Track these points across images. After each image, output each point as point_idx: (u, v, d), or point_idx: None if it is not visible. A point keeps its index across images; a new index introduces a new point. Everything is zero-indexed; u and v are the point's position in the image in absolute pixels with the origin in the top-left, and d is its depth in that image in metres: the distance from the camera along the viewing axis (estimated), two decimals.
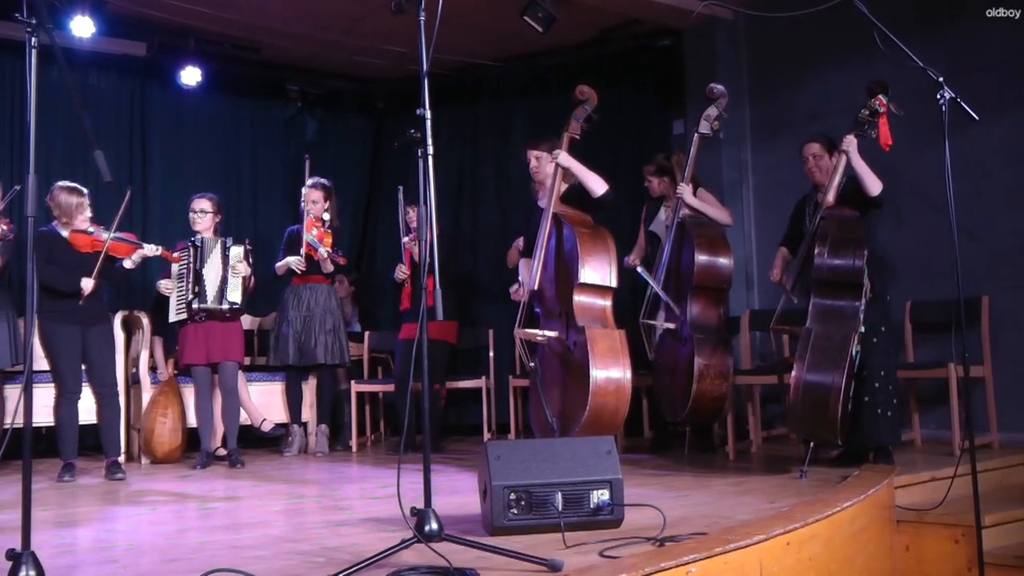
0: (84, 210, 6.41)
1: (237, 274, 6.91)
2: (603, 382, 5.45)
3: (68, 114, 8.31)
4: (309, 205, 7.41)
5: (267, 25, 8.39)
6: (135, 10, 7.98)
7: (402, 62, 8.77)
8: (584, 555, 3.27)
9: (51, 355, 6.32)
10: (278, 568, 3.24)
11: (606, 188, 5.93)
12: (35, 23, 2.97)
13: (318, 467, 6.77)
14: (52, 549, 3.75)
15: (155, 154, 9.05)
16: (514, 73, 9.47)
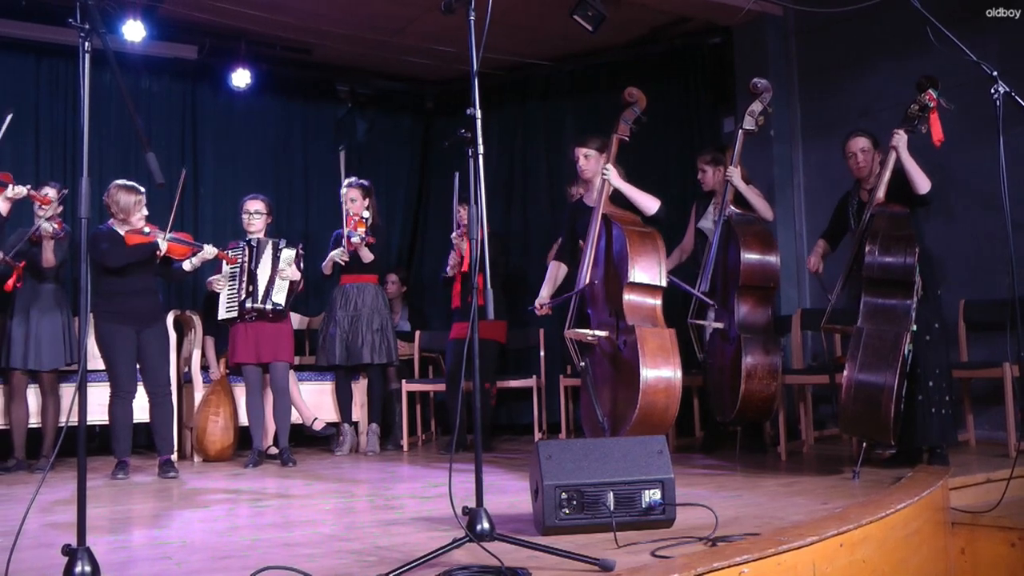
0: (140, 209, 6.48)
1: (284, 277, 6.95)
2: (653, 381, 5.43)
3: (121, 117, 8.41)
4: (348, 204, 7.45)
5: (317, 27, 8.44)
6: (186, 14, 8.07)
7: (451, 62, 8.79)
8: (636, 555, 3.26)
9: (106, 355, 6.40)
10: (330, 566, 3.26)
11: (658, 205, 5.93)
12: (88, 28, 3.00)
13: (369, 466, 6.79)
14: (106, 545, 3.79)
15: (206, 156, 9.14)
16: (563, 72, 9.46)
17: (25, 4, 7.78)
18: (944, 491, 4.82)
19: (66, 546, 2.83)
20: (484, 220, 3.44)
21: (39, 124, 8.39)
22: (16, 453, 6.85)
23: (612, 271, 5.80)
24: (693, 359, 6.57)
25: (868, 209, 5.52)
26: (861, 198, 5.72)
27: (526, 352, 8.40)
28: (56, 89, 8.54)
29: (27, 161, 8.06)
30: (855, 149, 5.82)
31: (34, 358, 6.76)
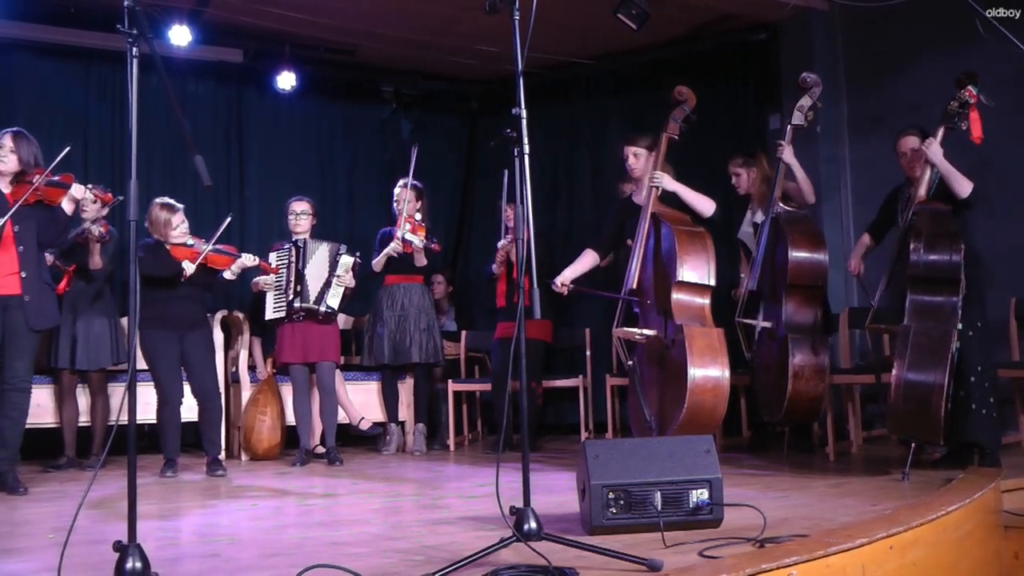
0: (174, 226, 6.53)
1: (341, 284, 6.99)
2: (701, 380, 5.41)
3: (167, 121, 8.50)
4: (401, 204, 7.46)
5: (361, 28, 8.47)
6: (231, 18, 8.14)
7: (496, 62, 8.79)
8: (683, 555, 3.25)
9: (149, 361, 6.45)
10: (377, 565, 3.26)
11: (713, 207, 5.94)
12: (136, 33, 3.02)
13: (416, 466, 6.82)
14: (156, 542, 3.82)
15: (252, 158, 9.22)
16: (608, 71, 9.45)
17: (74, 11, 7.88)
18: (996, 493, 4.74)
19: (117, 542, 2.86)
20: (530, 220, 3.44)
21: (88, 129, 8.50)
22: (67, 451, 6.95)
23: (660, 270, 5.79)
24: (740, 358, 6.53)
25: (910, 208, 5.47)
26: (911, 194, 5.67)
27: (572, 352, 8.39)
28: (104, 94, 8.67)
29: (76, 165, 8.10)
30: (906, 149, 5.78)
31: (82, 358, 6.84)
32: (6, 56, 8.30)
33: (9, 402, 5.66)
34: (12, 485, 5.61)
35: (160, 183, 8.58)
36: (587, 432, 7.71)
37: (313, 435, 7.19)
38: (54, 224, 5.71)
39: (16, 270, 5.61)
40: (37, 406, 6.54)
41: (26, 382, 5.72)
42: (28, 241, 5.65)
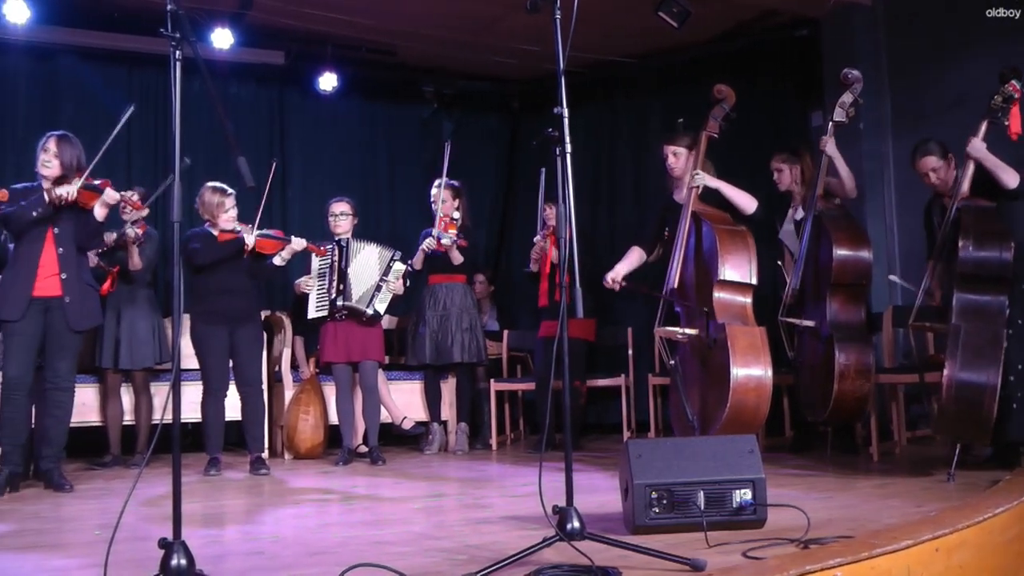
0: (226, 209, 6.60)
1: (391, 289, 7.01)
2: (744, 380, 5.39)
3: (210, 123, 8.55)
4: (439, 204, 7.48)
5: (402, 28, 8.49)
6: (273, 20, 8.18)
7: (537, 61, 8.78)
8: (727, 555, 3.24)
9: (200, 355, 6.56)
10: (420, 564, 3.27)
11: (756, 204, 5.90)
12: (179, 37, 3.05)
13: (458, 465, 6.83)
14: (201, 539, 3.85)
15: (294, 159, 9.27)
16: (649, 69, 9.41)
17: (117, 16, 7.96)
18: None
19: (162, 539, 2.89)
20: (572, 219, 3.43)
21: (131, 131, 8.56)
22: (112, 449, 7.03)
23: (702, 269, 5.76)
24: (784, 357, 6.49)
25: (953, 203, 5.40)
26: (945, 204, 5.60)
27: (615, 351, 8.37)
28: (147, 97, 8.75)
29: (119, 168, 8.22)
30: (926, 170, 5.75)
31: (125, 358, 6.92)
32: (50, 61, 8.42)
33: (53, 401, 5.76)
34: (58, 482, 5.70)
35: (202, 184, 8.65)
36: (629, 431, 7.69)
37: (356, 434, 7.20)
38: (86, 228, 5.79)
39: (56, 272, 5.69)
40: (82, 405, 6.62)
41: (69, 382, 5.81)
42: (68, 243, 5.73)
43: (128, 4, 7.77)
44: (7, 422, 5.65)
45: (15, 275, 5.68)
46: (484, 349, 7.68)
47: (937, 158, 5.69)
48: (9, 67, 8.30)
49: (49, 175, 5.74)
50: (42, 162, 5.74)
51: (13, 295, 5.64)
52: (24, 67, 8.36)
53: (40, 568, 3.51)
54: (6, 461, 5.66)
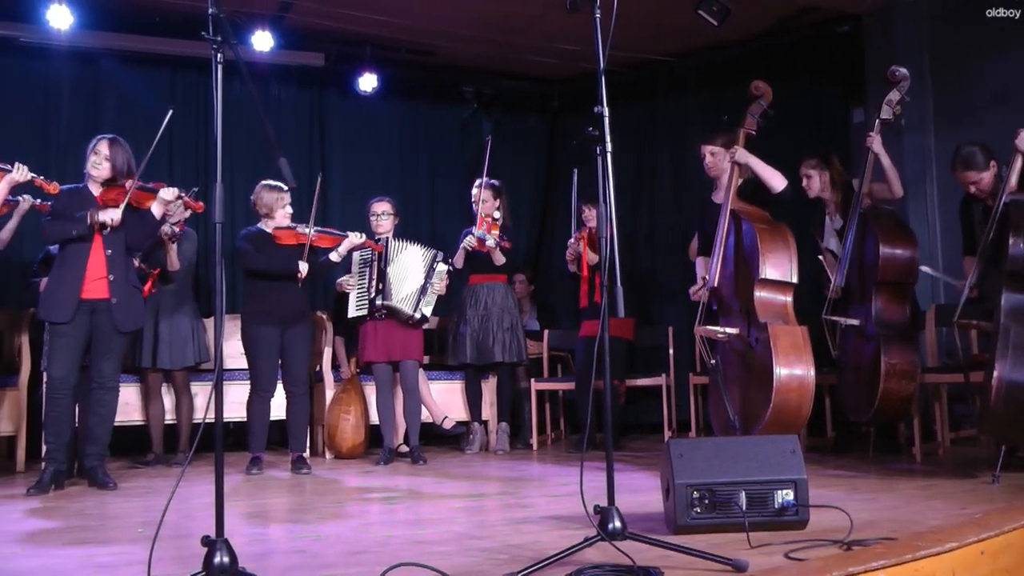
0: (284, 204, 6.67)
1: (435, 291, 7.03)
2: (786, 379, 5.35)
3: (250, 125, 8.62)
4: (479, 204, 7.49)
5: (441, 29, 8.51)
6: (312, 22, 8.23)
7: (576, 61, 8.77)
8: (769, 556, 3.22)
9: (250, 354, 6.63)
10: (462, 564, 3.27)
11: (786, 183, 5.86)
12: (220, 40, 3.08)
13: (499, 465, 6.83)
14: (243, 538, 3.88)
15: (334, 160, 9.32)
16: (689, 68, 9.38)
17: (159, 20, 8.04)
18: None
19: (205, 537, 2.90)
20: (613, 218, 3.43)
21: (173, 134, 8.65)
22: (154, 448, 7.10)
23: (742, 268, 5.74)
24: (826, 357, 6.44)
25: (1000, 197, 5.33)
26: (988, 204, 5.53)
27: (655, 350, 8.36)
28: (189, 100, 8.85)
29: (161, 170, 8.29)
30: (968, 182, 5.69)
31: (165, 358, 6.97)
32: (94, 65, 8.53)
33: (98, 401, 5.83)
34: (102, 480, 5.77)
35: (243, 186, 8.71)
36: (670, 431, 7.67)
37: (397, 434, 7.23)
38: (143, 228, 5.85)
39: (104, 274, 5.75)
40: (125, 404, 6.68)
41: (113, 382, 5.89)
42: (116, 245, 5.78)
43: (169, 8, 7.84)
44: (52, 421, 5.74)
45: (63, 277, 5.75)
46: (525, 349, 7.68)
47: (977, 172, 5.63)
48: (52, 72, 8.41)
49: (99, 177, 5.81)
50: (92, 163, 5.81)
51: (62, 297, 5.70)
52: (67, 71, 8.47)
53: (85, 564, 3.55)
54: (51, 459, 5.74)
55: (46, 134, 8.39)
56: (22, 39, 8.03)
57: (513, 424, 7.89)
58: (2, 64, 8.27)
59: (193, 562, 2.98)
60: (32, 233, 6.96)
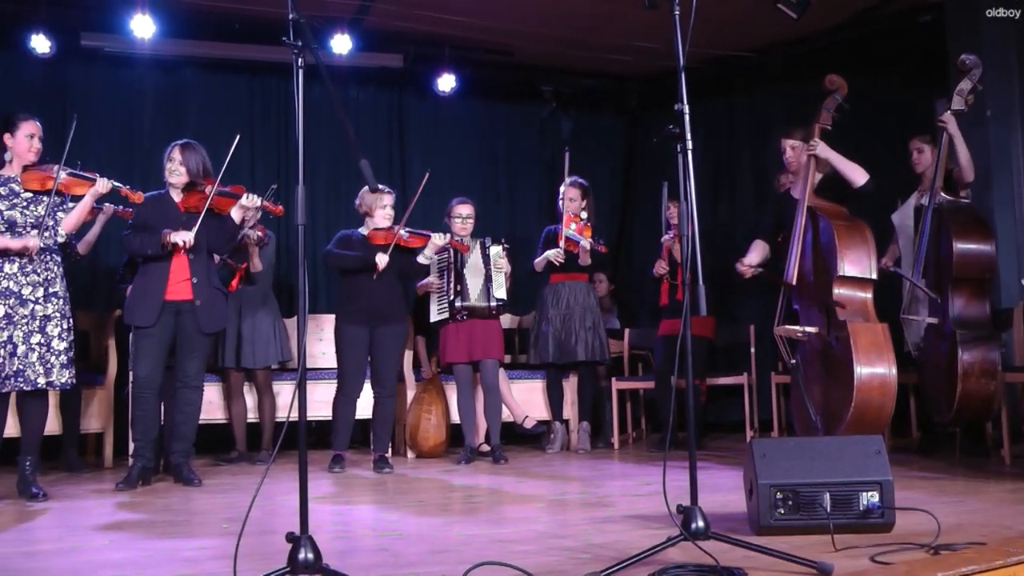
0: (383, 206, 6.74)
1: (500, 270, 7.03)
2: (868, 378, 5.29)
3: (330, 127, 8.73)
4: (567, 203, 7.47)
5: (519, 29, 8.51)
6: (391, 24, 8.28)
7: (655, 58, 8.71)
8: (854, 559, 3.18)
9: (338, 353, 6.73)
10: (544, 563, 3.28)
11: (867, 178, 5.76)
12: (301, 45, 3.11)
13: (580, 464, 6.82)
14: (326, 534, 3.91)
15: (413, 160, 9.38)
16: (769, 62, 9.27)
17: (238, 27, 8.15)
18: None
19: (290, 534, 2.94)
20: (695, 216, 3.41)
21: (254, 138, 8.81)
22: (238, 446, 7.22)
23: (820, 265, 5.67)
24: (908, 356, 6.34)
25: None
26: None
27: (736, 348, 8.30)
28: (268, 104, 9.01)
29: (243, 173, 8.43)
30: None
31: (248, 357, 7.09)
32: (175, 72, 8.71)
33: (183, 399, 5.96)
34: (188, 477, 5.88)
35: (324, 188, 8.83)
36: (752, 431, 7.61)
37: (478, 433, 7.25)
38: (224, 232, 5.97)
39: (188, 276, 5.86)
40: (209, 403, 6.79)
41: (198, 381, 6.00)
42: (199, 248, 5.90)
43: (249, 15, 7.94)
44: (139, 419, 5.87)
45: (147, 281, 5.88)
46: (607, 348, 7.65)
47: None
48: (136, 79, 8.59)
49: (177, 183, 5.94)
50: (169, 170, 5.93)
51: (146, 301, 5.83)
52: (150, 79, 8.65)
53: (172, 558, 3.63)
54: (138, 456, 5.87)
55: (131, 141, 8.58)
56: (107, 49, 8.20)
57: (594, 423, 7.87)
58: (88, 74, 8.47)
59: (277, 558, 3.02)
60: (117, 238, 7.11)
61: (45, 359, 5.33)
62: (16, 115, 5.48)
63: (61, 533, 4.35)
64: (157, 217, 5.86)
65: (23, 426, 5.57)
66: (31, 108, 5.63)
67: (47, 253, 5.44)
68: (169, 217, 5.88)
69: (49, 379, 5.35)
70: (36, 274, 5.37)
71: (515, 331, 8.54)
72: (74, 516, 4.83)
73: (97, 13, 7.92)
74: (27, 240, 5.33)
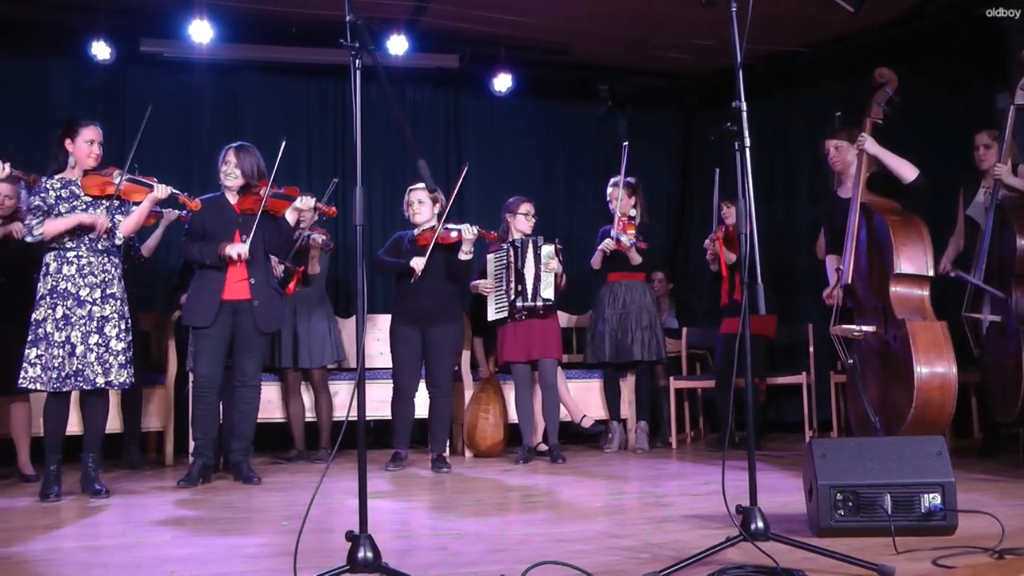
0: (411, 203, 6.77)
1: (550, 271, 6.99)
2: (927, 377, 5.21)
3: (387, 128, 8.81)
4: (614, 203, 7.47)
5: (575, 28, 8.50)
6: (447, 24, 8.30)
7: (711, 55, 8.67)
8: (916, 563, 3.14)
9: (391, 354, 6.78)
10: (602, 563, 3.27)
11: (917, 173, 5.65)
12: (358, 46, 3.13)
13: (638, 463, 6.81)
14: (385, 533, 3.93)
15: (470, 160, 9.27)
16: (825, 58, 9.17)
17: (295, 30, 8.22)
18: None
19: (349, 532, 2.96)
20: (753, 215, 3.39)
21: (310, 140, 8.89)
22: (296, 444, 7.28)
23: (876, 263, 5.59)
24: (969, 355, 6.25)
25: None
26: None
27: (795, 348, 8.23)
28: (324, 106, 9.11)
29: (300, 175, 8.52)
30: None
31: (304, 357, 7.15)
32: (233, 76, 8.84)
33: (241, 398, 6.05)
34: (247, 475, 5.96)
35: (381, 189, 8.87)
36: (811, 430, 7.55)
37: (536, 433, 7.24)
38: (279, 235, 6.06)
39: (245, 276, 5.96)
40: (267, 402, 6.85)
41: (255, 380, 6.09)
42: (256, 249, 5.97)
43: (305, 18, 8.02)
44: (198, 418, 5.99)
45: (206, 282, 5.98)
46: (663, 347, 7.63)
47: None
48: (194, 84, 8.71)
49: (233, 185, 6.03)
50: (224, 173, 6.03)
51: (204, 302, 5.94)
52: (208, 83, 8.77)
53: (233, 554, 3.68)
54: (199, 453, 5.98)
55: (189, 145, 8.70)
56: (166, 55, 8.33)
57: (652, 422, 7.84)
58: (148, 79, 8.58)
59: (336, 556, 3.05)
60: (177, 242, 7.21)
61: (103, 359, 5.41)
62: (77, 120, 5.56)
63: (124, 529, 4.43)
64: (213, 220, 5.96)
65: (85, 424, 5.67)
66: (92, 114, 5.70)
67: (105, 255, 5.52)
68: (225, 219, 5.97)
69: (108, 379, 5.43)
70: (94, 276, 5.44)
71: (572, 330, 8.53)
72: (136, 512, 4.92)
73: (156, 20, 8.02)
74: (98, 217, 5.41)
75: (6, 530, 4.44)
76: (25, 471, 6.39)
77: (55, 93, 8.32)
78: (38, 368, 5.30)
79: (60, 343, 5.32)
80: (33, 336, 5.34)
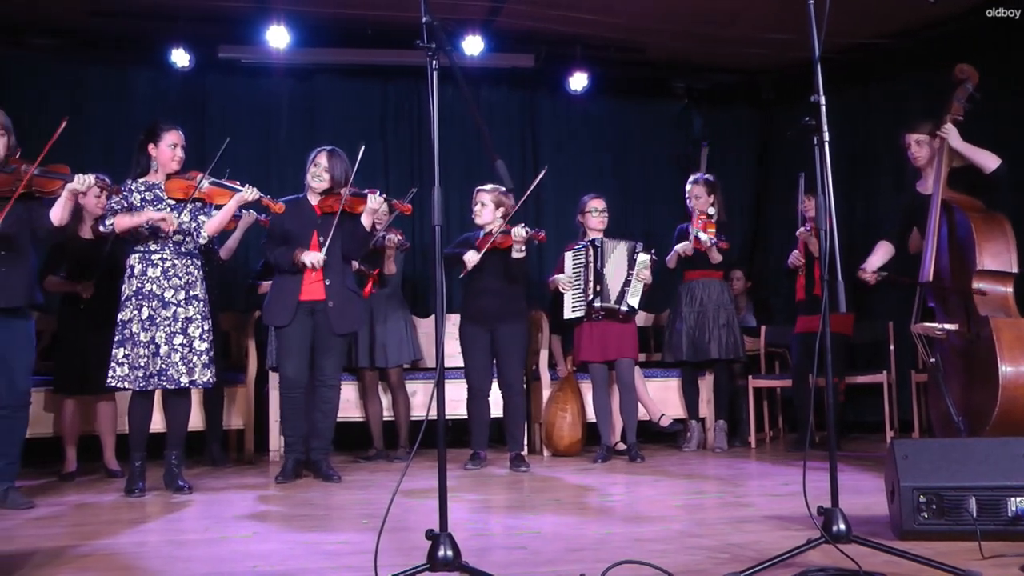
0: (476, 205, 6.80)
1: (641, 280, 6.98)
2: (1013, 376, 5.10)
3: (463, 129, 8.84)
4: (693, 201, 7.43)
5: (650, 26, 8.46)
6: (522, 24, 8.31)
7: (786, 49, 8.56)
8: (1003, 568, 3.10)
9: (463, 354, 6.83)
10: (682, 562, 3.27)
11: (999, 162, 5.51)
12: (435, 47, 3.15)
13: (717, 463, 6.77)
14: (465, 532, 3.94)
15: (546, 159, 9.31)
16: (904, 49, 9.00)
17: (371, 32, 8.28)
18: None
19: (430, 531, 2.98)
20: (832, 210, 3.35)
21: (387, 142, 8.97)
22: (375, 444, 7.34)
23: (958, 260, 5.49)
24: None
25: None
26: None
27: (875, 346, 8.12)
28: (400, 107, 9.17)
29: (377, 176, 8.57)
30: None
31: (381, 357, 7.22)
32: (310, 80, 8.94)
33: (321, 397, 6.14)
34: (327, 473, 6.04)
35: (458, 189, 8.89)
36: (892, 431, 7.45)
37: (614, 432, 7.23)
38: (355, 237, 6.12)
39: (321, 277, 6.02)
40: (345, 401, 6.92)
41: (335, 379, 6.17)
42: (332, 251, 6.03)
43: (381, 20, 8.07)
44: (288, 416, 6.14)
45: (284, 282, 6.09)
46: (741, 345, 7.59)
47: None
48: (272, 88, 8.84)
49: (318, 188, 6.10)
50: (312, 175, 6.10)
51: (282, 302, 6.06)
52: (285, 87, 8.89)
53: (314, 551, 3.73)
54: (291, 450, 6.14)
55: (266, 148, 8.82)
56: (244, 60, 8.43)
57: (731, 422, 7.80)
58: (227, 85, 8.75)
59: (416, 554, 3.07)
60: (256, 245, 7.35)
61: (187, 359, 5.50)
62: (160, 125, 5.66)
63: (207, 524, 4.50)
64: (293, 220, 6.03)
65: (168, 422, 5.79)
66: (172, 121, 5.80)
67: (188, 257, 5.61)
68: (304, 220, 6.05)
69: (192, 378, 5.53)
70: (178, 277, 5.54)
71: (649, 329, 8.50)
72: (218, 508, 5.01)
73: (234, 26, 8.13)
74: (167, 213, 5.49)
75: (94, 524, 4.57)
76: (111, 467, 6.57)
77: (136, 101, 8.48)
78: (125, 367, 5.42)
79: (145, 343, 5.42)
80: (120, 336, 5.45)
